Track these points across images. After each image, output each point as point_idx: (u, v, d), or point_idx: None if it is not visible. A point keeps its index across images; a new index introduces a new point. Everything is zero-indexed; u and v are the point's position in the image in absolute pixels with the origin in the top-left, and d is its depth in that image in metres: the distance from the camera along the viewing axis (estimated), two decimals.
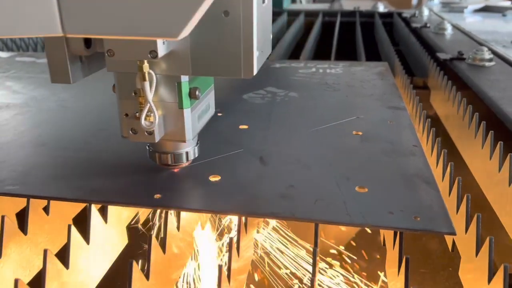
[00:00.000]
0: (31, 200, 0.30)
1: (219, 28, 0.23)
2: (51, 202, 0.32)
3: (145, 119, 0.25)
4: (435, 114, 0.59)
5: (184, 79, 0.26)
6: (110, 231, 0.31)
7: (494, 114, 0.45)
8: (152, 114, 0.25)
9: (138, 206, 0.30)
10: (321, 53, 0.85)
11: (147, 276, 0.26)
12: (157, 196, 0.28)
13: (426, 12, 1.08)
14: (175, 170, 0.30)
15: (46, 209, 0.32)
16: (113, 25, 0.20)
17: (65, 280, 0.27)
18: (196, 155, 0.30)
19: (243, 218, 0.28)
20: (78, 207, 0.36)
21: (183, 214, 0.31)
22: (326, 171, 0.30)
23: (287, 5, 1.36)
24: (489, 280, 0.24)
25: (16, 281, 0.24)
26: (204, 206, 0.28)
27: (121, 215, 0.33)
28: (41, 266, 0.26)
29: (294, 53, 0.83)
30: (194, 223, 0.36)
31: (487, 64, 0.60)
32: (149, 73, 0.24)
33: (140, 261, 0.28)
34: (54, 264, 0.26)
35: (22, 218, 0.31)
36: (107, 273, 0.31)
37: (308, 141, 0.35)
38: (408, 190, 0.28)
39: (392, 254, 0.28)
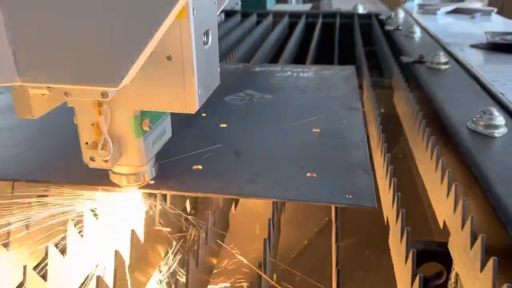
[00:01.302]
0: None
1: (163, 71, 0.27)
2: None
3: (102, 148, 0.30)
4: (396, 113, 0.67)
5: (136, 112, 0.30)
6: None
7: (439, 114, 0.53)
8: (108, 144, 0.30)
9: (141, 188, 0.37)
10: (302, 55, 0.92)
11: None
12: (151, 181, 0.35)
13: (401, 14, 1.15)
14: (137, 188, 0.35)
15: None
16: (63, 76, 0.24)
17: None
18: (154, 175, 0.34)
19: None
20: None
21: None
22: (287, 162, 0.38)
23: (271, 5, 1.42)
24: (401, 241, 0.32)
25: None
26: (188, 190, 0.36)
27: None
28: None
29: (277, 55, 0.90)
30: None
31: (442, 67, 0.68)
32: (103, 108, 0.29)
33: None
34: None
35: None
36: None
37: (276, 138, 0.43)
38: (348, 176, 0.36)
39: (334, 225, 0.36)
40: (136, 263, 0.32)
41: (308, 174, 0.36)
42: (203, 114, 0.48)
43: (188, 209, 0.43)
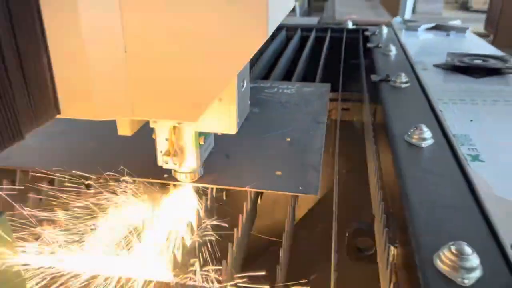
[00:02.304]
0: None
1: (216, 108, 0.41)
2: None
3: (173, 155, 0.45)
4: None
5: (196, 132, 0.44)
6: None
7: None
8: (178, 153, 0.45)
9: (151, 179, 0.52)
10: (295, 68, 1.06)
11: None
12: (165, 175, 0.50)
13: (385, 30, 1.30)
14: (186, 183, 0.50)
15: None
16: (164, 113, 0.34)
17: None
18: (202, 174, 0.49)
19: None
20: None
21: None
22: (263, 163, 0.53)
23: None
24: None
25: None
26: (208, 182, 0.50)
27: None
28: None
29: (272, 70, 1.04)
30: None
31: (403, 85, 0.82)
32: (176, 130, 0.43)
33: None
34: None
35: None
36: None
37: (258, 144, 0.58)
38: (303, 174, 0.51)
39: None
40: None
41: (277, 172, 0.51)
42: None
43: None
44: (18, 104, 0.26)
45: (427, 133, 0.59)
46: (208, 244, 0.45)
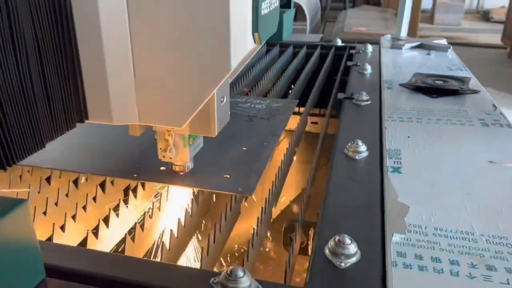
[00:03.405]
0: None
1: (199, 116, 0.51)
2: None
3: (169, 152, 0.56)
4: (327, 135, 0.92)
5: (186, 134, 0.56)
6: None
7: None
8: (172, 150, 0.56)
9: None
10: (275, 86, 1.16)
11: None
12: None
13: (370, 49, 1.40)
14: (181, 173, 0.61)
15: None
16: (164, 120, 0.47)
17: None
18: (191, 167, 0.60)
19: None
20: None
21: None
22: (218, 168, 0.64)
23: (286, 36, 1.58)
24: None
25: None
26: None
27: None
28: None
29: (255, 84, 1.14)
30: None
31: (363, 103, 0.92)
32: (170, 132, 0.55)
33: None
34: None
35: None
36: None
37: (219, 153, 0.69)
38: (246, 177, 0.61)
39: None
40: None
41: (225, 176, 0.62)
42: None
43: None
44: (40, 117, 0.35)
45: (362, 147, 0.70)
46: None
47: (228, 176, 0.62)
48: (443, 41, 1.50)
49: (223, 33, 0.43)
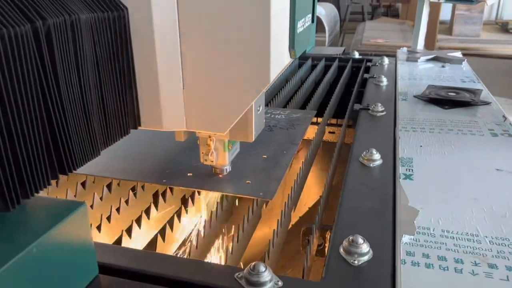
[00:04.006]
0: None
1: (239, 123, 0.57)
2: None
3: (210, 156, 0.62)
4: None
5: (226, 140, 0.61)
6: None
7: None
8: (213, 154, 0.62)
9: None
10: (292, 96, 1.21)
11: None
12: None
13: (386, 61, 1.44)
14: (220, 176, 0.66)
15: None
16: (210, 127, 0.51)
17: None
18: (229, 170, 0.66)
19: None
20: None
21: None
22: (239, 174, 0.69)
23: (309, 50, 1.62)
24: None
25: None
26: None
27: None
28: None
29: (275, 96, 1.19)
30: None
31: (378, 114, 0.97)
32: (212, 137, 0.60)
33: None
34: None
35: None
36: None
37: (241, 160, 0.74)
38: (267, 183, 0.66)
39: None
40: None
41: (247, 181, 0.67)
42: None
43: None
44: (97, 127, 0.39)
45: (376, 155, 0.74)
46: None
47: (249, 182, 0.67)
48: (458, 54, 1.53)
49: (264, 49, 0.47)
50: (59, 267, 0.38)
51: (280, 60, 0.53)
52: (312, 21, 1.66)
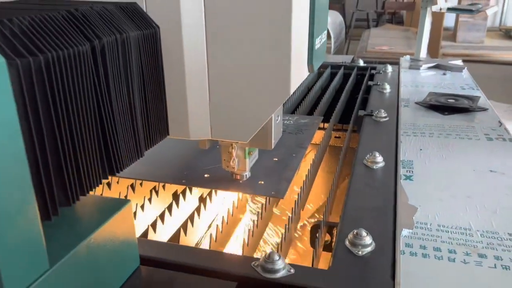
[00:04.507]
0: None
1: (259, 134, 0.61)
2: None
3: (232, 162, 0.67)
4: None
5: (247, 148, 0.66)
6: None
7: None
8: (235, 161, 0.67)
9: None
10: (300, 102, 1.28)
11: None
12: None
13: (389, 69, 1.50)
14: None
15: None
16: (233, 136, 0.55)
17: None
18: (249, 176, 0.71)
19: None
20: None
21: None
22: (252, 177, 0.75)
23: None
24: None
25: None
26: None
27: None
28: None
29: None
30: None
31: (382, 120, 1.02)
32: (233, 146, 0.65)
33: None
34: None
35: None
36: None
37: (255, 163, 0.80)
38: (278, 183, 0.72)
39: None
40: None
41: (260, 182, 0.73)
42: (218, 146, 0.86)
43: None
44: (140, 131, 0.43)
45: (379, 158, 0.80)
46: None
47: (262, 182, 0.73)
48: (459, 62, 1.59)
49: (285, 66, 0.49)
50: (108, 257, 0.42)
51: (299, 74, 0.58)
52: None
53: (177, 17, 0.49)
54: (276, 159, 0.81)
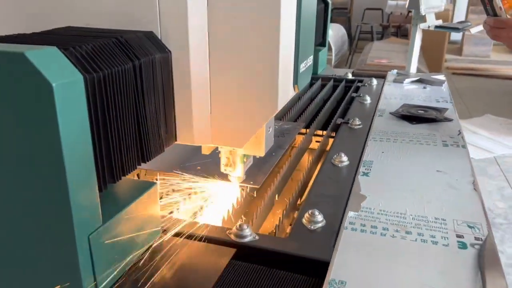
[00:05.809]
0: None
1: (253, 141, 0.70)
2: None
3: (230, 166, 0.79)
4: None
5: (242, 153, 0.79)
6: None
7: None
8: (232, 165, 0.79)
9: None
10: (289, 112, 1.42)
11: None
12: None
13: (374, 82, 1.64)
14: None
15: None
16: (233, 142, 0.63)
17: None
18: (244, 178, 0.83)
19: None
20: None
21: None
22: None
23: (321, 71, 1.81)
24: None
25: None
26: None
27: None
28: None
29: None
30: None
31: (356, 127, 1.17)
32: (232, 151, 0.78)
33: None
34: None
35: None
36: None
37: None
38: (256, 175, 0.87)
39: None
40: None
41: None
42: None
43: None
44: (163, 130, 0.55)
45: (344, 158, 0.95)
46: None
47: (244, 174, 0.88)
48: (441, 76, 1.73)
49: (273, 86, 0.58)
50: (140, 225, 0.54)
51: (286, 93, 0.63)
52: (324, 45, 1.86)
53: (186, 46, 0.56)
54: (258, 157, 0.96)
